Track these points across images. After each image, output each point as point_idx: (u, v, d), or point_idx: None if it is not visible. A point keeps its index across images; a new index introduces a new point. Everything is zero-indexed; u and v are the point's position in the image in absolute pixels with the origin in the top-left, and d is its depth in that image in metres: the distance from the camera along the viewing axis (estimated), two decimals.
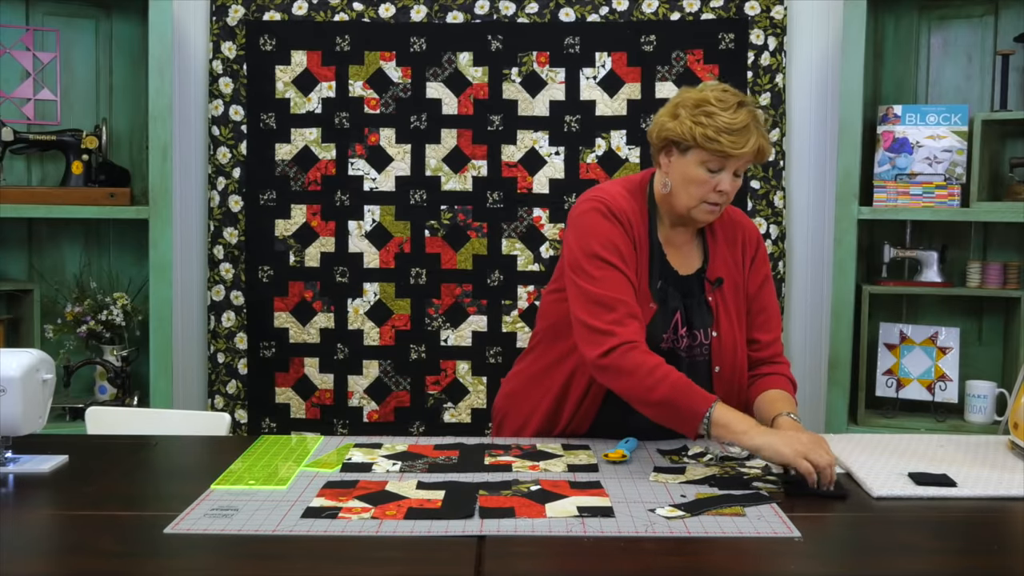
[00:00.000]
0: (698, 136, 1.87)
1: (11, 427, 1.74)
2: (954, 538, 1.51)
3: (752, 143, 1.86)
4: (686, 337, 1.99)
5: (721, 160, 1.88)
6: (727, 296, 2.03)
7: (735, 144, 1.85)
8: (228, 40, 3.38)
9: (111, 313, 3.24)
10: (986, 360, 3.30)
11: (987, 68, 3.24)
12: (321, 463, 1.80)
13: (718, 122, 1.85)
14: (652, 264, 1.99)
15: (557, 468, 1.78)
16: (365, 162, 3.41)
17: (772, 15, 3.34)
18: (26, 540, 1.47)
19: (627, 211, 1.97)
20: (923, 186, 3.15)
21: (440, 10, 3.38)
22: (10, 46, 3.26)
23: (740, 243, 2.09)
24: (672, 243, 2.03)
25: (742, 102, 1.89)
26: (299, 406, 3.44)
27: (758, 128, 1.89)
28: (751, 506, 1.57)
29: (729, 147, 1.85)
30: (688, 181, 1.92)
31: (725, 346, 2.01)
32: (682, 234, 2.04)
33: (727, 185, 1.91)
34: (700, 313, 2.00)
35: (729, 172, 1.90)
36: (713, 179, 1.90)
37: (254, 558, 1.38)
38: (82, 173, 3.23)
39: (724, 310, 2.02)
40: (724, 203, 1.95)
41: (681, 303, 1.99)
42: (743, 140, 1.86)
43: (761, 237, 2.16)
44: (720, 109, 1.87)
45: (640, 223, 1.99)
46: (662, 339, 1.96)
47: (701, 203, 1.93)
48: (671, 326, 1.97)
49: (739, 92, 1.93)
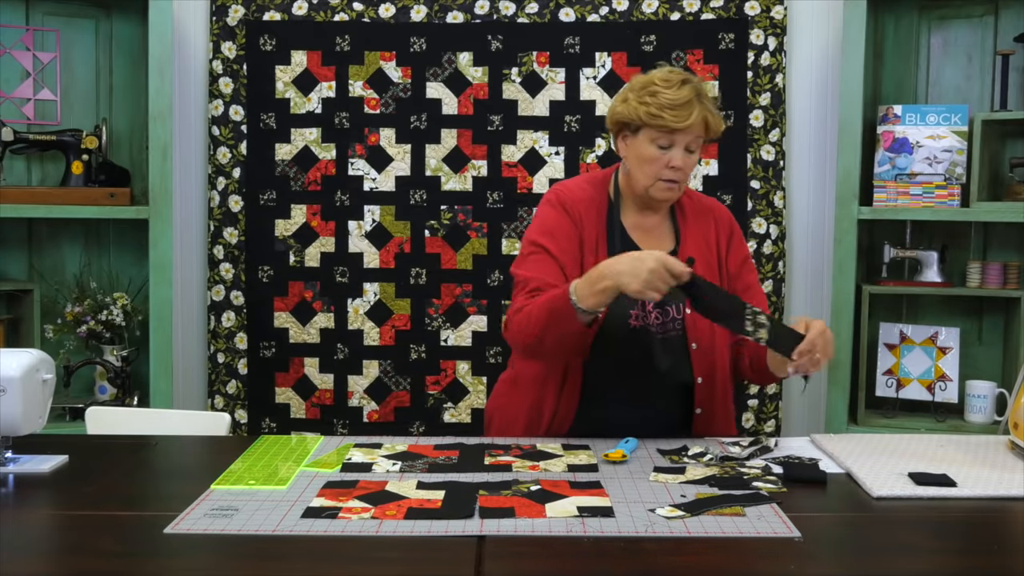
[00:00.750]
0: (643, 114, 1.97)
1: (11, 427, 1.74)
2: (954, 538, 1.51)
3: (695, 116, 1.95)
4: (655, 313, 2.03)
5: (669, 135, 1.97)
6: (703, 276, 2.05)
7: (678, 118, 1.94)
8: (228, 40, 3.38)
9: (111, 313, 3.24)
10: (986, 360, 3.30)
11: (987, 68, 3.24)
12: (321, 463, 1.80)
13: (661, 99, 1.95)
14: (612, 247, 2.04)
15: (557, 468, 1.78)
16: (365, 162, 3.41)
17: (772, 15, 3.34)
18: (26, 540, 1.47)
19: (581, 200, 2.07)
20: (923, 186, 3.15)
21: (440, 10, 3.38)
22: (10, 46, 3.26)
23: (713, 226, 2.14)
24: (642, 227, 2.10)
25: (686, 80, 1.98)
26: (299, 406, 3.44)
27: (702, 103, 1.97)
28: (751, 506, 1.57)
29: (672, 121, 1.94)
30: (642, 160, 2.01)
31: (701, 323, 2.03)
32: (651, 218, 2.10)
33: (679, 160, 1.98)
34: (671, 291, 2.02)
35: (680, 147, 1.98)
36: (665, 155, 1.98)
37: (254, 558, 1.38)
38: (82, 173, 3.23)
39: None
40: (681, 180, 2.02)
41: None
42: (686, 114, 1.94)
43: (734, 220, 2.20)
44: (664, 88, 1.97)
45: (597, 210, 2.07)
46: (630, 315, 2.01)
47: (657, 181, 2.01)
48: (638, 303, 2.00)
49: (687, 73, 2.01)
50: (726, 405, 2.12)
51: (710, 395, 2.07)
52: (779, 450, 1.92)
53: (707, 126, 1.99)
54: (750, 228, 3.37)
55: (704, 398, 2.07)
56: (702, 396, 2.06)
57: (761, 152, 3.37)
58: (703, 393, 2.06)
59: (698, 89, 1.98)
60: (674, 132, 1.96)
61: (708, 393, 2.07)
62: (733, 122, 3.36)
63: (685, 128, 1.95)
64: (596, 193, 2.11)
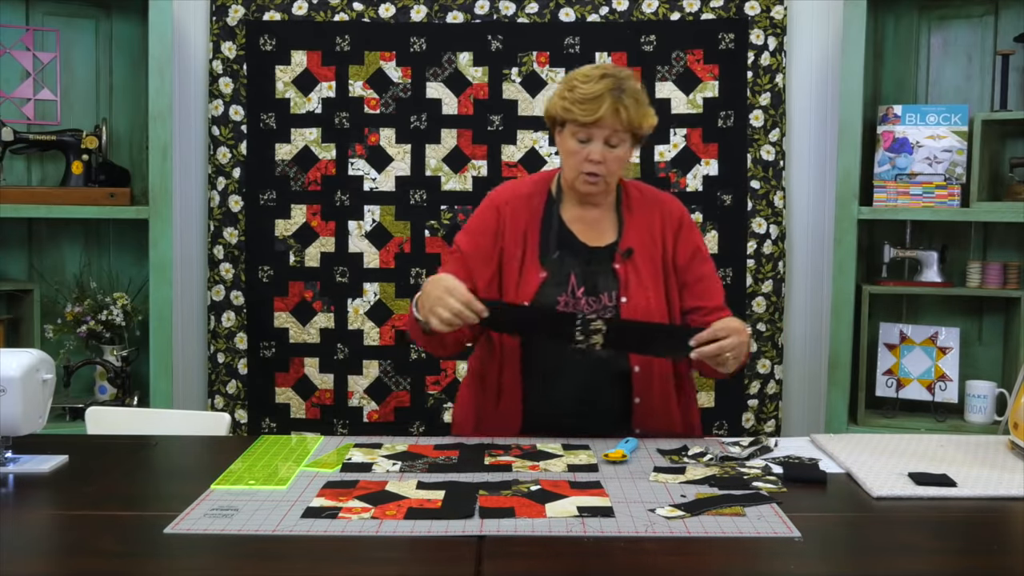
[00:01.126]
0: (559, 109, 2.02)
1: (11, 427, 1.74)
2: (954, 538, 1.51)
3: (604, 110, 1.96)
4: (585, 299, 2.05)
5: (585, 130, 2.00)
6: (640, 266, 2.09)
7: (586, 112, 1.97)
8: (228, 40, 3.38)
9: (111, 313, 3.24)
10: (986, 360, 3.30)
11: (987, 68, 3.24)
12: (321, 463, 1.80)
13: (575, 94, 1.99)
14: (546, 239, 2.08)
15: (557, 468, 1.78)
16: (365, 162, 3.41)
17: (772, 15, 3.34)
18: (26, 540, 1.47)
19: (518, 197, 2.14)
20: (923, 186, 3.15)
21: (440, 10, 3.38)
22: (10, 46, 3.26)
23: (659, 219, 2.15)
24: (583, 220, 2.13)
25: (607, 75, 2.00)
26: (299, 406, 3.44)
27: (617, 97, 1.98)
28: (751, 506, 1.57)
29: (581, 115, 1.98)
30: (567, 154, 2.05)
31: (636, 312, 2.05)
32: (592, 211, 2.13)
33: (597, 154, 2.01)
34: (605, 279, 2.08)
35: (598, 141, 2.01)
36: (584, 149, 2.01)
37: (254, 558, 1.38)
38: (82, 173, 3.23)
39: (636, 278, 2.08)
40: (604, 173, 2.03)
41: (580, 269, 2.07)
42: (594, 107, 1.97)
43: (686, 213, 2.20)
44: (581, 83, 2.00)
45: (533, 206, 2.12)
46: (558, 302, 2.04)
47: (580, 174, 2.04)
48: (568, 289, 2.04)
49: (617, 68, 2.04)
50: (667, 397, 2.11)
51: (648, 384, 2.07)
52: (779, 450, 1.92)
53: (622, 120, 1.98)
54: (750, 228, 3.37)
55: (642, 387, 2.07)
56: (640, 385, 2.07)
57: (761, 152, 3.37)
58: (641, 382, 2.07)
59: (618, 84, 1.99)
60: (589, 126, 1.99)
61: (646, 382, 2.07)
62: (733, 122, 3.36)
63: (595, 122, 1.97)
64: (536, 189, 2.16)
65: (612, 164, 2.03)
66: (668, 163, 3.37)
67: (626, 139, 2.03)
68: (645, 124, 2.04)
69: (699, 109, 3.37)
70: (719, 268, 3.37)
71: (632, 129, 2.02)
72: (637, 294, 2.06)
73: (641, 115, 2.02)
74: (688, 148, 3.37)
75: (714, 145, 3.37)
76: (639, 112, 2.01)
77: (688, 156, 3.37)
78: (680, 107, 3.37)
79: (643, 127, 2.04)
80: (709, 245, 3.37)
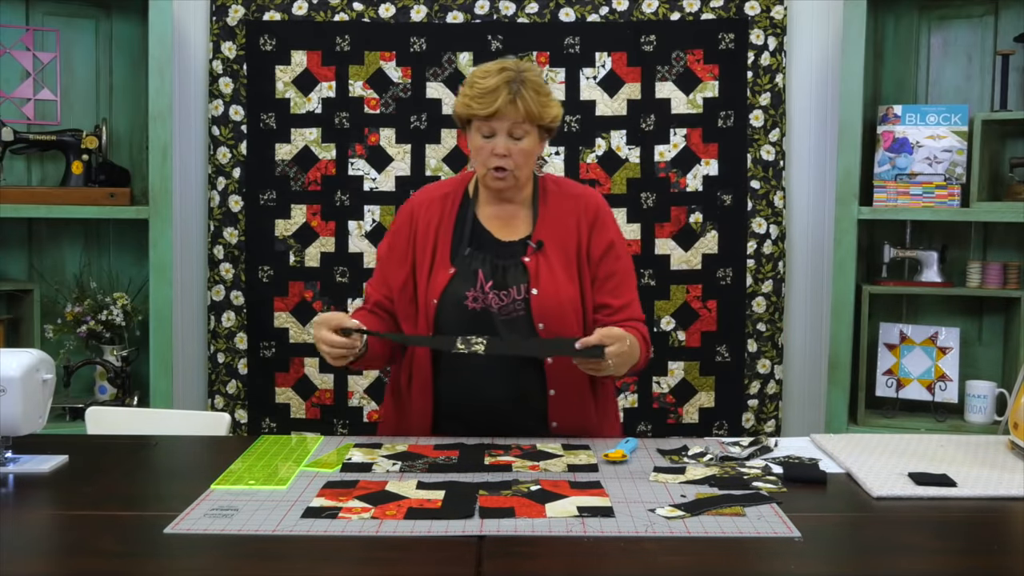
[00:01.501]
0: (462, 107, 2.05)
1: (11, 427, 1.74)
2: (954, 538, 1.51)
3: (500, 102, 1.98)
4: (494, 293, 2.05)
5: (488, 124, 2.02)
6: (551, 258, 2.09)
7: (484, 105, 2.00)
8: (228, 40, 3.38)
9: (111, 313, 3.24)
10: (986, 360, 3.31)
11: (987, 68, 3.24)
12: (321, 463, 1.80)
13: (474, 90, 2.02)
14: (459, 238, 2.12)
15: (557, 468, 1.78)
16: (365, 162, 3.41)
17: (772, 15, 3.34)
18: (26, 540, 1.47)
19: (432, 199, 2.16)
20: (923, 186, 3.15)
21: (440, 10, 3.38)
22: (10, 46, 3.26)
23: (575, 211, 2.15)
24: (499, 217, 2.15)
25: (504, 68, 2.03)
26: (299, 406, 3.44)
27: (515, 89, 2.00)
28: (751, 506, 1.57)
29: (479, 109, 2.00)
30: (474, 152, 2.08)
31: (547, 304, 2.05)
32: (508, 208, 2.14)
33: (502, 148, 2.02)
34: (514, 272, 2.08)
35: (502, 135, 2.03)
36: (489, 144, 2.04)
37: (254, 558, 1.38)
38: (82, 173, 3.24)
39: (547, 270, 2.07)
40: (511, 168, 2.05)
41: (489, 264, 2.08)
42: (490, 100, 1.99)
43: (604, 207, 2.19)
44: (479, 78, 2.03)
45: (447, 206, 2.15)
46: (467, 297, 2.05)
47: (488, 170, 2.06)
48: (476, 284, 2.05)
49: (518, 61, 2.06)
50: (581, 389, 2.10)
51: (562, 376, 2.06)
52: (779, 450, 1.92)
53: (520, 111, 2.00)
54: (750, 228, 3.37)
55: (556, 379, 2.07)
56: (554, 378, 2.07)
57: (761, 152, 3.37)
58: (555, 374, 2.06)
59: (515, 76, 2.01)
60: (490, 120, 2.01)
61: (560, 374, 2.06)
62: (733, 122, 3.36)
63: (493, 114, 1.99)
64: (452, 190, 2.18)
65: (518, 157, 2.04)
66: (668, 163, 3.37)
67: (531, 131, 2.04)
68: (547, 115, 2.05)
69: (699, 109, 3.37)
70: (719, 268, 3.38)
71: (533, 120, 2.03)
72: (547, 286, 2.06)
73: (541, 105, 2.03)
74: (688, 148, 3.37)
75: (714, 145, 3.37)
76: (538, 102, 2.02)
77: (688, 156, 3.37)
78: (680, 107, 3.37)
79: (545, 118, 2.05)
80: (709, 245, 3.37)
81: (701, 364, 3.41)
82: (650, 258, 3.38)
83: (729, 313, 3.39)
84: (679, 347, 3.41)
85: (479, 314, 2.04)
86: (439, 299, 2.05)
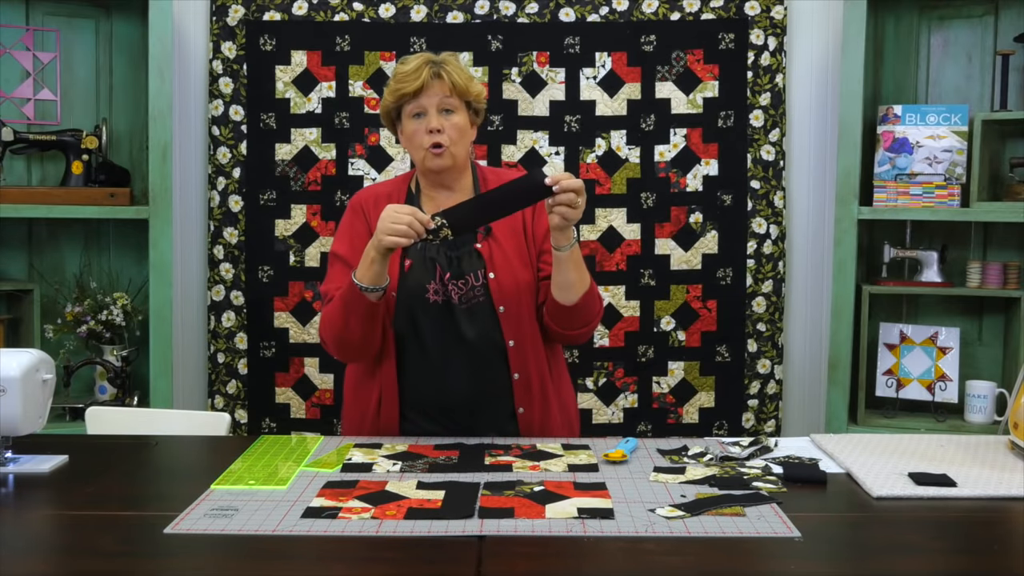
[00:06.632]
0: (387, 99, 2.11)
1: (11, 427, 1.74)
2: (954, 538, 1.51)
3: (425, 75, 2.05)
4: (452, 283, 2.08)
5: (416, 102, 2.07)
6: (502, 242, 2.12)
7: (408, 81, 2.06)
8: (228, 40, 3.38)
9: (111, 313, 3.24)
10: (986, 360, 3.31)
11: (987, 68, 3.24)
12: (321, 463, 1.80)
13: (397, 76, 2.09)
14: None
15: (557, 468, 1.78)
16: (365, 162, 3.41)
17: (772, 15, 3.34)
18: (26, 540, 1.47)
19: (378, 197, 2.18)
20: (923, 186, 3.15)
21: (440, 10, 3.38)
22: (10, 46, 3.26)
23: None
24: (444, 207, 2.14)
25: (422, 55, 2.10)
26: (299, 406, 3.44)
27: (436, 65, 2.07)
28: (751, 506, 1.57)
29: (405, 87, 2.06)
30: (409, 139, 2.12)
31: (505, 287, 2.08)
32: (452, 197, 2.15)
33: (435, 122, 2.07)
34: (469, 260, 2.11)
35: (433, 111, 2.07)
36: (422, 123, 2.08)
37: (254, 558, 1.38)
38: (82, 173, 3.24)
39: (501, 255, 2.11)
40: (447, 143, 2.08)
41: (444, 255, 2.10)
42: (415, 75, 2.06)
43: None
44: (400, 67, 2.10)
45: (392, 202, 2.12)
46: (427, 290, 2.08)
47: (425, 151, 2.09)
48: (436, 276, 2.08)
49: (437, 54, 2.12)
50: (541, 372, 2.14)
51: (524, 359, 2.10)
52: (779, 450, 1.92)
53: (446, 84, 2.05)
54: (750, 228, 3.37)
55: (519, 362, 2.10)
56: (517, 360, 2.09)
57: (761, 152, 3.37)
58: (517, 357, 2.09)
59: (435, 57, 2.09)
60: (417, 97, 2.06)
61: (522, 357, 2.10)
62: (733, 122, 3.36)
63: (420, 88, 2.05)
64: (395, 188, 2.22)
65: (452, 132, 2.08)
66: (668, 163, 3.37)
67: (460, 106, 2.09)
68: (472, 88, 2.11)
69: (699, 109, 3.37)
70: (719, 268, 3.38)
71: (460, 93, 2.08)
72: (503, 269, 2.09)
73: (466, 78, 2.10)
74: (688, 148, 3.37)
75: (714, 145, 3.37)
76: (462, 75, 2.09)
77: (688, 156, 3.37)
78: (680, 107, 3.37)
79: (471, 91, 2.10)
80: (709, 245, 3.38)
81: (701, 364, 3.41)
82: (650, 258, 3.39)
83: (729, 313, 3.39)
84: (679, 347, 3.41)
85: (440, 306, 2.08)
86: (396, 291, 2.08)
